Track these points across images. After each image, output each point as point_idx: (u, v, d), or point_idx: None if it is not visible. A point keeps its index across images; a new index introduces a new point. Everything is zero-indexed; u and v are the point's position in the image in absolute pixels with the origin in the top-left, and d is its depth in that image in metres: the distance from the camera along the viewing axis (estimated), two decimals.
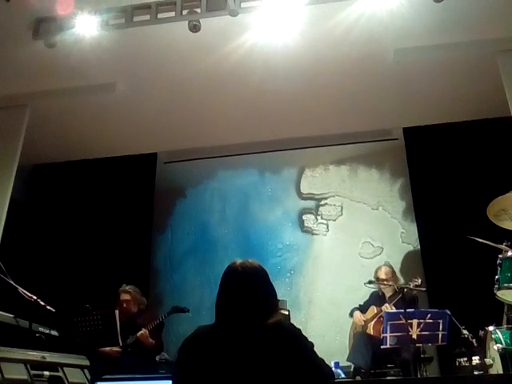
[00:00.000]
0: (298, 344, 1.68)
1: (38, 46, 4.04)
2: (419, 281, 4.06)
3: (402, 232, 5.56)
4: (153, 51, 4.33)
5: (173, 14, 3.81)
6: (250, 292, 1.77)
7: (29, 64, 4.39)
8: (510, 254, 3.30)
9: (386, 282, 4.31)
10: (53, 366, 2.45)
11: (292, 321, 1.84)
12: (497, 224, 3.58)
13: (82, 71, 4.47)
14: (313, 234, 5.76)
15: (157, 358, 4.43)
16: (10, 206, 4.50)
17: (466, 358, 3.48)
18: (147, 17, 3.84)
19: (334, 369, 3.29)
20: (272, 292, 1.84)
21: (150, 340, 4.21)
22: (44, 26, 3.98)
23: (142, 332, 4.17)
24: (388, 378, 3.84)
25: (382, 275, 4.38)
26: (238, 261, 1.87)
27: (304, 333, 1.77)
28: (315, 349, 1.77)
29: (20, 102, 4.81)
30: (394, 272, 4.49)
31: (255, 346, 1.62)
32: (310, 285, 5.53)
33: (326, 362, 1.80)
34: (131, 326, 4.25)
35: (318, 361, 1.73)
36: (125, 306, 4.36)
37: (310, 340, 1.76)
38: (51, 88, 4.75)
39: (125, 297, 4.41)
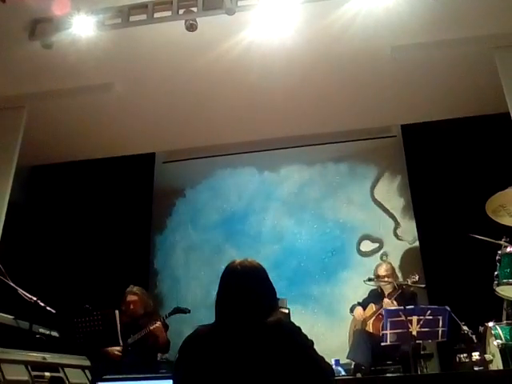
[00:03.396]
0: (297, 342, 1.68)
1: (34, 46, 4.03)
2: (417, 277, 4.06)
3: (401, 229, 5.57)
4: (150, 51, 4.33)
5: (169, 13, 3.80)
6: (250, 291, 1.77)
7: (26, 65, 4.39)
8: (508, 249, 3.31)
9: (386, 279, 4.32)
10: (53, 367, 2.44)
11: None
12: (496, 220, 3.58)
13: (79, 72, 4.47)
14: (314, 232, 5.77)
15: (158, 358, 4.44)
16: (9, 208, 4.49)
17: (465, 354, 3.49)
18: (144, 16, 3.84)
19: (334, 366, 3.30)
20: (271, 290, 1.84)
21: (164, 334, 4.21)
22: (40, 26, 3.97)
23: (157, 324, 4.16)
24: (388, 374, 3.85)
25: (382, 272, 4.39)
26: (237, 260, 1.87)
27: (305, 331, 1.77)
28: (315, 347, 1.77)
29: (17, 104, 4.80)
30: (393, 269, 4.50)
31: (255, 345, 1.62)
32: (310, 282, 5.54)
33: (326, 360, 1.81)
34: (133, 327, 4.25)
35: (318, 359, 1.73)
36: (132, 307, 4.36)
37: (309, 338, 1.76)
38: (48, 89, 4.75)
39: (132, 298, 4.40)
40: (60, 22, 3.87)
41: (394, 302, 4.14)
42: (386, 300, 4.21)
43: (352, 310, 4.51)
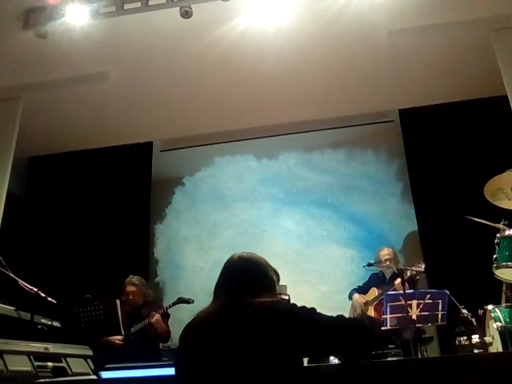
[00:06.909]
0: (293, 315, 1.62)
1: (28, 36, 4.00)
2: (423, 266, 4.04)
3: (400, 214, 5.57)
4: (145, 38, 4.28)
5: (164, 0, 3.77)
6: (241, 274, 1.78)
7: (20, 55, 4.35)
8: (507, 232, 3.30)
9: (388, 263, 4.33)
10: (56, 357, 2.46)
11: None
12: (494, 203, 3.57)
13: (74, 61, 4.43)
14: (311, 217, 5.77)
15: (160, 346, 4.46)
16: (7, 200, 4.48)
17: (465, 337, 3.50)
18: (138, 4, 3.80)
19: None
20: (265, 274, 1.82)
21: (163, 325, 4.24)
22: (34, 16, 3.93)
23: (156, 317, 4.19)
24: (389, 358, 3.87)
25: (385, 255, 4.40)
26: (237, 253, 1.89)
27: None
28: None
29: (13, 95, 4.77)
30: (395, 254, 4.52)
31: (244, 325, 1.60)
32: (308, 268, 5.55)
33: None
34: (135, 317, 4.28)
35: (330, 319, 1.64)
36: (131, 297, 4.39)
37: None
38: (44, 79, 4.71)
39: (131, 288, 4.43)
40: (54, 11, 3.84)
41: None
42: (398, 280, 4.15)
43: (350, 296, 4.53)
